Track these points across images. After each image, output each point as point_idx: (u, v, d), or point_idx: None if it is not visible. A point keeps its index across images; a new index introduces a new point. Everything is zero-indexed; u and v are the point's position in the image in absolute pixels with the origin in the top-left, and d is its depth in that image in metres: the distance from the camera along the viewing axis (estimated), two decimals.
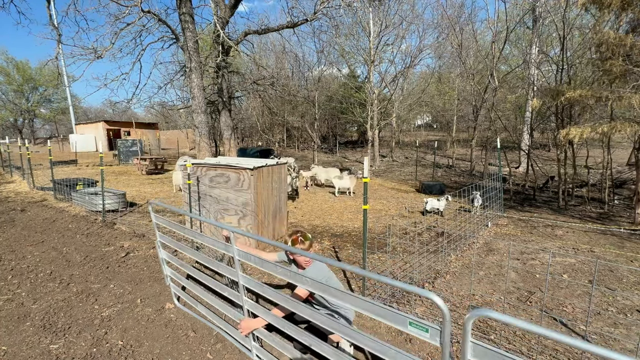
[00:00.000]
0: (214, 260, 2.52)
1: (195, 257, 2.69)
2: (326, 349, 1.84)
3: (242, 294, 2.26)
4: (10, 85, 35.91)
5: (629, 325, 3.05)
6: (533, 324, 1.04)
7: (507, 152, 16.45)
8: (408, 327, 1.34)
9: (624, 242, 5.67)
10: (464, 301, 3.46)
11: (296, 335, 1.99)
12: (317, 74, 21.96)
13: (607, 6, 6.27)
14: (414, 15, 17.98)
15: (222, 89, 11.57)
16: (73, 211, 6.97)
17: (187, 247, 2.84)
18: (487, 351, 1.15)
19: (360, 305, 1.53)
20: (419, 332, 1.30)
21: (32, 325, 2.86)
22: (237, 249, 2.13)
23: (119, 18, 8.46)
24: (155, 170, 14.71)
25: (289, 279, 1.90)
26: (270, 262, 1.99)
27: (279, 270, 1.93)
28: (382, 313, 1.44)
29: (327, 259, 1.70)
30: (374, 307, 1.46)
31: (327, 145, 29.40)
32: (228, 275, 2.38)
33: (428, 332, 1.28)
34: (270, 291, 2.06)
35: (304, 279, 1.80)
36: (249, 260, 2.11)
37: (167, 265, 3.17)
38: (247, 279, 2.20)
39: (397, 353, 1.45)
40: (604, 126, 6.34)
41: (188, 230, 2.74)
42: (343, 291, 1.63)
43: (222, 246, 2.27)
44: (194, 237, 2.60)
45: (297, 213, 7.64)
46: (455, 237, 5.51)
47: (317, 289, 1.75)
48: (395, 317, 1.39)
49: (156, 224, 2.95)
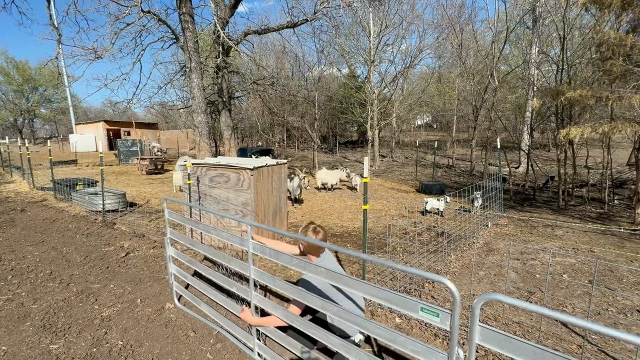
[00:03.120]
0: (225, 254, 2.55)
1: (207, 253, 2.75)
2: (335, 341, 1.86)
3: (251, 288, 2.28)
4: (10, 85, 35.90)
5: (629, 325, 3.05)
6: (539, 307, 1.06)
7: (507, 152, 16.44)
8: (419, 313, 1.38)
9: (624, 242, 5.67)
10: (464, 301, 3.46)
11: (307, 329, 2.01)
12: (317, 74, 21.93)
13: (607, 6, 6.27)
14: (414, 15, 17.96)
15: (222, 89, 11.57)
16: (73, 211, 6.97)
17: (198, 243, 2.91)
18: (495, 334, 1.18)
19: (372, 292, 1.58)
20: (430, 317, 1.35)
21: (32, 325, 2.86)
22: (252, 242, 2.17)
23: (119, 18, 8.44)
24: (155, 170, 14.72)
25: (304, 270, 1.94)
26: (286, 254, 2.03)
27: (294, 262, 1.97)
28: (394, 299, 1.49)
29: (342, 249, 1.74)
30: (387, 294, 1.52)
31: (327, 145, 29.38)
32: (239, 269, 2.40)
33: (439, 317, 1.33)
34: (283, 283, 2.09)
35: (319, 269, 1.85)
36: (265, 253, 2.14)
37: (173, 263, 3.18)
38: (260, 272, 2.23)
39: (407, 340, 1.50)
40: (604, 126, 6.34)
41: (202, 225, 2.80)
42: (356, 279, 1.68)
43: (237, 240, 2.31)
44: (209, 231, 2.63)
45: (297, 213, 7.64)
46: (455, 237, 5.51)
47: (332, 279, 1.80)
48: (407, 303, 1.44)
49: (168, 219, 3.02)
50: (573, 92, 6.61)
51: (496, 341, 1.18)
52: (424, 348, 1.44)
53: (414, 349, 1.46)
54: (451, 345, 1.29)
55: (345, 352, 1.78)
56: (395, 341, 1.53)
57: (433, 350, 1.41)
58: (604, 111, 9.41)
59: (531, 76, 14.29)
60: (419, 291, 3.71)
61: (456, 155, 20.12)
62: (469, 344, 1.23)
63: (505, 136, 17.27)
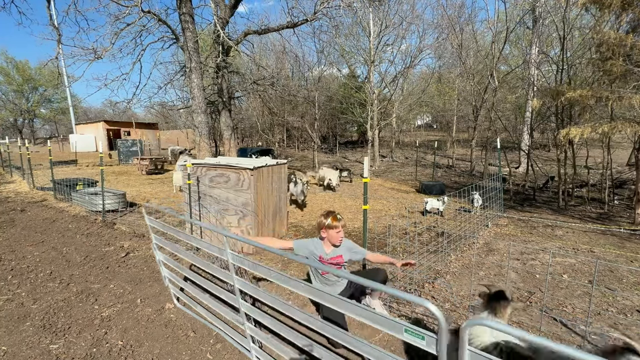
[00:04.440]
0: (210, 263, 2.50)
1: (192, 260, 2.65)
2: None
3: (238, 297, 2.24)
4: (10, 85, 35.92)
5: (629, 326, 3.05)
6: (528, 334, 1.03)
7: (507, 152, 16.44)
8: (404, 334, 1.31)
9: (624, 242, 5.67)
10: (464, 301, 3.46)
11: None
12: (317, 74, 21.92)
13: (607, 6, 6.27)
14: (414, 16, 17.95)
15: (222, 89, 11.56)
16: (73, 211, 6.97)
17: (182, 250, 2.79)
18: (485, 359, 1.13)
19: (355, 311, 1.50)
20: (415, 339, 1.27)
21: (32, 325, 2.86)
22: (230, 252, 2.09)
23: (119, 18, 8.45)
24: (155, 170, 14.72)
25: (283, 284, 1.87)
26: (264, 267, 1.95)
27: (273, 275, 1.88)
28: (377, 320, 1.42)
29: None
30: (369, 314, 1.45)
31: (327, 146, 29.38)
32: (224, 279, 2.34)
33: (424, 340, 1.25)
34: (265, 295, 2.02)
35: (311, 290, 1.76)
36: (243, 264, 2.06)
37: (165, 267, 3.17)
38: (242, 282, 2.17)
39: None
40: (604, 126, 6.34)
41: (183, 234, 2.71)
42: (339, 298, 1.58)
43: (216, 250, 2.22)
44: (189, 240, 2.58)
45: (297, 213, 7.64)
46: (455, 237, 5.51)
47: (321, 298, 1.70)
48: (391, 325, 1.38)
49: (151, 227, 2.92)
50: (573, 92, 6.61)
51: None
52: None
53: None
54: None
55: None
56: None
57: None
58: (604, 111, 9.40)
59: (531, 76, 14.28)
60: (419, 291, 3.71)
61: (456, 156, 20.12)
62: None
63: (505, 136, 17.27)
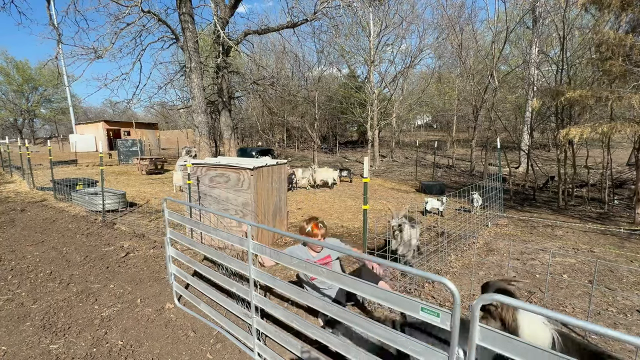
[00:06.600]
0: (225, 254, 2.55)
1: (206, 253, 2.76)
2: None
3: (251, 288, 2.29)
4: (10, 85, 35.88)
5: (629, 326, 3.05)
6: (538, 307, 1.07)
7: (507, 152, 16.43)
8: (420, 312, 1.39)
9: (624, 242, 5.66)
10: (464, 301, 3.46)
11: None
12: (317, 74, 21.93)
13: (607, 6, 6.27)
14: (414, 15, 17.97)
15: (222, 89, 11.57)
16: (73, 211, 6.97)
17: (198, 243, 2.93)
18: (495, 335, 1.20)
19: (371, 292, 1.59)
20: (431, 317, 1.36)
21: (32, 325, 2.86)
22: (252, 242, 2.18)
23: (119, 18, 8.45)
24: (155, 170, 14.71)
25: (304, 269, 1.99)
26: (285, 253, 2.07)
27: (294, 262, 2.00)
28: (393, 299, 1.50)
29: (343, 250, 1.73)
30: (386, 294, 1.53)
31: (327, 145, 29.38)
32: (239, 269, 2.42)
33: (439, 317, 1.34)
34: (283, 284, 2.12)
35: (320, 271, 1.86)
36: (265, 252, 2.16)
37: (173, 263, 3.19)
38: (260, 272, 2.25)
39: (407, 340, 1.51)
40: (604, 126, 6.33)
41: (203, 225, 2.82)
42: (354, 278, 1.68)
43: (237, 240, 2.33)
44: (209, 231, 2.64)
45: (297, 213, 7.63)
46: (455, 237, 5.51)
47: (335, 280, 1.81)
48: (407, 303, 1.45)
49: (168, 220, 3.02)
50: (573, 92, 6.60)
51: (496, 341, 1.20)
52: (424, 348, 1.44)
53: (414, 349, 1.47)
54: (452, 345, 1.30)
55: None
56: (396, 341, 1.54)
57: (433, 350, 1.41)
58: (604, 111, 9.40)
59: (531, 76, 14.28)
60: (419, 291, 3.71)
61: (456, 155, 20.12)
62: (469, 344, 1.24)
63: (505, 136, 17.26)
